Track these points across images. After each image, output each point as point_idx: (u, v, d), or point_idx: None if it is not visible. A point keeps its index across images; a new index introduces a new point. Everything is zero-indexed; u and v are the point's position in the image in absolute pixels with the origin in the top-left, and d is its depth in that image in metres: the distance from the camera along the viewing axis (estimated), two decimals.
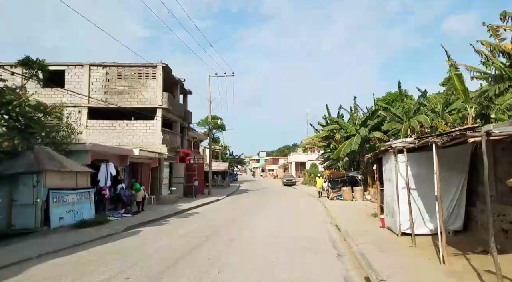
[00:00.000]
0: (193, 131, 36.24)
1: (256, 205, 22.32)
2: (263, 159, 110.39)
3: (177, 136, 27.27)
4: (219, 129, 61.81)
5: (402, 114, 24.30)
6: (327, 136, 28.51)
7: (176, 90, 28.00)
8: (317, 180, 27.26)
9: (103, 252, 8.96)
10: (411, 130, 24.44)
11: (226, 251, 8.84)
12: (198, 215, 16.94)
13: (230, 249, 9.07)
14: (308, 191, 36.40)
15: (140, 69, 24.08)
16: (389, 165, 10.84)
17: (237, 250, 9.04)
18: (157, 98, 23.67)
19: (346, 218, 14.63)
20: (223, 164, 48.69)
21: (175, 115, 26.62)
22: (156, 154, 21.50)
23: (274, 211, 18.67)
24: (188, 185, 28.50)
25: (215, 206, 21.86)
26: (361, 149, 25.48)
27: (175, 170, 26.83)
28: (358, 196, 23.21)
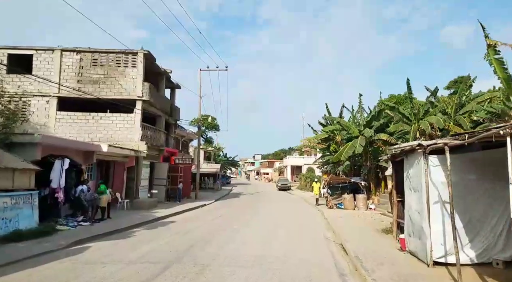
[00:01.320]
0: (182, 130, 33.51)
1: (246, 213, 19.60)
2: (258, 161, 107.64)
3: (161, 133, 24.53)
4: (213, 129, 59.05)
5: (410, 115, 21.76)
6: (326, 138, 25.87)
7: (161, 82, 25.30)
8: (314, 186, 24.59)
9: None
10: (420, 133, 21.90)
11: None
12: (173, 225, 14.20)
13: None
14: (304, 196, 33.73)
15: (119, 56, 21.36)
16: (415, 169, 8.19)
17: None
18: (137, 89, 20.95)
19: (352, 233, 11.95)
20: (214, 165, 45.96)
21: (158, 110, 23.89)
22: (132, 151, 18.75)
23: (265, 221, 15.97)
24: (172, 187, 25.77)
25: (198, 213, 19.11)
26: (364, 152, 22.88)
27: (157, 171, 24.06)
28: (361, 205, 20.56)
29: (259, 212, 20.06)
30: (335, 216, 17.37)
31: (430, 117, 20.14)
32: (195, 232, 12.30)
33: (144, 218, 15.35)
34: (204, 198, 29.02)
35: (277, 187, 48.02)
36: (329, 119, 25.32)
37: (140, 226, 13.91)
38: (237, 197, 33.98)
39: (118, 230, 12.44)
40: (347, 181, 21.69)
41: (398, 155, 9.71)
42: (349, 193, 22.24)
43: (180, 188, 25.20)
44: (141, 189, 21.79)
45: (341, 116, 25.55)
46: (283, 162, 70.13)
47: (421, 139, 21.67)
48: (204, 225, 14.30)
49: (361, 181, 21.49)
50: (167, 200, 24.68)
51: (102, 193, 14.53)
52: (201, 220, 15.74)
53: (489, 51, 9.59)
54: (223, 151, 69.18)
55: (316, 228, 13.96)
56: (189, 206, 21.74)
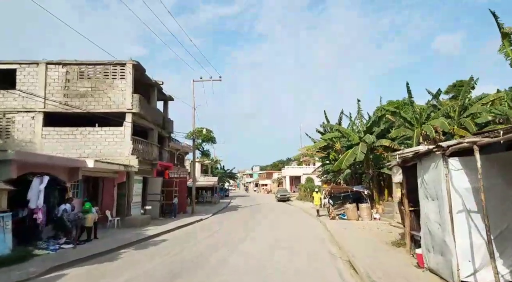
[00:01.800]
0: (176, 143, 32.51)
1: (243, 227, 18.50)
2: (257, 173, 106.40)
3: (153, 146, 23.53)
4: (209, 142, 58.16)
5: (412, 119, 20.92)
6: (326, 146, 24.94)
7: (153, 94, 24.42)
8: (315, 196, 23.54)
9: None
10: (424, 137, 21.03)
11: None
12: (164, 245, 13.10)
13: None
14: (304, 207, 32.61)
15: (107, 68, 20.50)
16: (432, 175, 7.23)
17: None
18: (126, 101, 20.03)
19: (359, 247, 10.91)
20: (212, 178, 44.82)
21: (150, 123, 22.95)
22: (121, 166, 17.71)
23: (264, 236, 14.88)
24: (167, 202, 24.66)
25: (193, 229, 17.97)
26: (366, 160, 21.93)
27: (151, 186, 22.97)
28: (364, 215, 19.51)
29: (257, 225, 18.96)
30: (339, 227, 16.31)
31: (434, 121, 19.29)
32: (186, 253, 11.19)
33: (134, 237, 14.25)
34: (201, 212, 27.87)
35: (276, 198, 46.86)
36: (327, 127, 24.44)
37: (129, 246, 12.82)
38: (236, 210, 32.81)
39: (103, 252, 11.34)
40: (349, 190, 20.67)
41: (410, 159, 8.74)
42: (351, 203, 21.23)
43: (175, 203, 24.09)
44: (134, 205, 20.69)
45: (340, 123, 24.70)
46: (282, 173, 69.05)
47: (424, 143, 20.79)
48: (197, 244, 13.18)
49: (364, 190, 20.47)
50: (162, 216, 23.55)
51: (87, 212, 13.45)
52: (194, 238, 14.62)
53: (504, 43, 8.73)
54: (220, 164, 68.12)
55: (319, 243, 12.88)
56: (184, 222, 20.63)
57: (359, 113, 22.56)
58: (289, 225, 18.99)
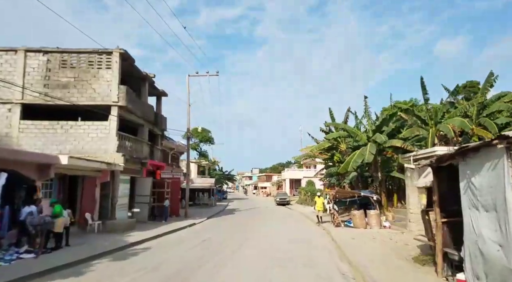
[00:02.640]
0: (170, 141, 30.69)
1: (238, 234, 16.67)
2: (256, 175, 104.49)
3: (143, 144, 21.72)
4: (207, 142, 56.35)
5: (427, 118, 19.13)
6: (330, 147, 23.08)
7: (144, 88, 22.64)
8: (317, 200, 21.52)
9: None
10: (439, 138, 19.24)
11: None
12: (144, 255, 11.26)
13: None
14: (305, 212, 30.75)
15: (91, 57, 18.72)
16: (488, 177, 5.39)
17: None
18: (112, 94, 18.24)
19: (375, 265, 9.08)
20: (208, 180, 42.96)
21: (140, 118, 21.15)
22: (103, 164, 15.88)
23: (261, 247, 13.04)
24: (159, 205, 22.83)
25: (182, 235, 16.12)
26: (374, 162, 20.11)
27: (140, 187, 21.14)
28: (373, 223, 17.66)
29: (253, 233, 17.12)
30: (346, 237, 14.46)
31: (452, 120, 17.51)
32: (164, 268, 9.31)
33: (113, 245, 12.42)
34: (195, 215, 26.04)
35: (276, 202, 45.02)
36: (332, 126, 22.57)
37: (104, 256, 10.99)
38: (232, 213, 30.96)
39: (71, 264, 9.53)
40: (356, 194, 18.82)
41: (448, 157, 6.87)
42: (358, 209, 19.41)
43: (166, 205, 22.24)
44: (120, 207, 18.86)
45: (346, 122, 22.87)
46: (281, 176, 67.20)
47: (438, 145, 19.00)
48: (183, 254, 11.33)
49: (373, 195, 18.63)
50: (152, 219, 21.72)
51: (57, 216, 11.60)
52: (181, 247, 12.77)
53: None
54: (218, 165, 66.29)
55: (326, 257, 11.04)
56: (175, 226, 18.79)
57: (366, 111, 20.72)
58: (289, 233, 17.13)
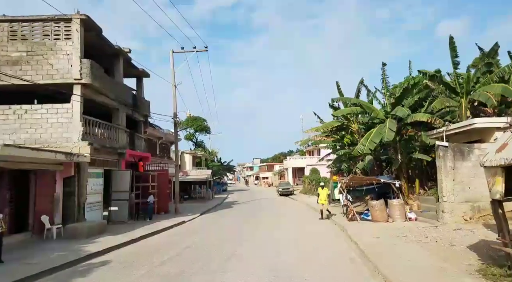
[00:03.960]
0: (157, 129, 27.42)
1: (232, 235, 13.56)
2: (257, 166, 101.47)
3: (120, 131, 18.51)
4: (203, 131, 53.10)
5: (456, 86, 15.84)
6: (339, 127, 19.73)
7: (118, 65, 19.30)
8: (320, 192, 16.98)
9: None
10: (472, 108, 15.98)
11: None
12: (97, 275, 8.13)
13: None
14: (310, 202, 27.61)
15: (47, 26, 15.44)
16: None
17: None
18: (73, 69, 14.98)
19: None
20: (205, 171, 39.80)
21: (114, 101, 17.89)
22: (59, 154, 12.68)
23: (259, 255, 9.90)
24: (143, 201, 19.72)
25: (162, 240, 12.96)
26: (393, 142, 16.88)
27: (117, 181, 17.97)
28: (396, 215, 14.48)
29: (251, 233, 13.99)
30: (368, 236, 11.31)
31: (490, 87, 14.20)
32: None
33: (62, 258, 9.31)
34: (187, 211, 22.95)
35: (278, 192, 41.97)
36: (343, 101, 19.14)
37: (42, 276, 7.91)
38: (230, 207, 27.88)
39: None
40: (375, 181, 15.60)
41: None
42: (375, 198, 16.27)
43: (150, 201, 19.11)
44: (91, 206, 15.79)
45: (357, 97, 19.49)
46: (283, 164, 64.09)
47: (471, 117, 15.75)
48: (147, 274, 8.15)
49: (395, 181, 15.43)
50: (135, 218, 18.66)
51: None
52: (153, 259, 9.59)
53: None
54: (217, 156, 63.17)
55: (349, 269, 7.88)
56: (156, 227, 15.71)
57: (384, 81, 17.27)
58: (295, 232, 13.99)
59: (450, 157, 13.29)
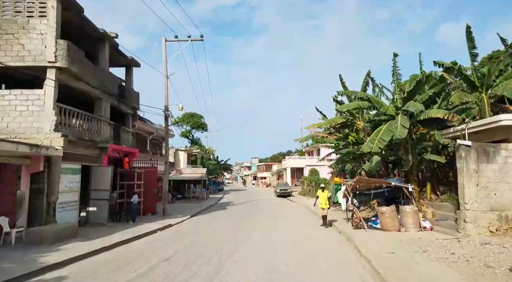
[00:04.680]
0: (148, 124, 25.65)
1: (221, 244, 11.82)
2: (255, 165, 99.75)
3: (102, 123, 16.76)
4: (200, 129, 51.34)
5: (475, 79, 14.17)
6: (342, 124, 17.97)
7: (103, 51, 17.55)
8: (320, 195, 15.29)
9: None
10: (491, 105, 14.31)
11: None
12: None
13: None
14: (309, 205, 25.86)
15: (18, 1, 13.69)
16: None
17: None
18: (47, 51, 13.25)
19: None
20: (200, 170, 38.08)
21: (96, 89, 16.14)
22: (24, 146, 10.94)
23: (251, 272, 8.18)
24: (127, 201, 17.95)
25: (138, 249, 11.21)
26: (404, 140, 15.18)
27: (96, 178, 16.20)
28: (409, 223, 12.78)
29: (243, 241, 12.27)
30: (379, 247, 9.63)
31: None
32: None
33: (7, 273, 7.54)
34: (177, 212, 21.24)
35: (276, 193, 40.26)
36: (348, 94, 17.36)
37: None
38: (224, 208, 26.15)
39: None
40: (384, 184, 13.87)
41: None
42: (385, 203, 14.60)
43: (134, 201, 17.35)
44: (65, 207, 14.08)
45: (364, 91, 17.74)
46: (282, 164, 62.40)
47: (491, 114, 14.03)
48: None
49: (408, 185, 13.71)
50: (116, 220, 16.94)
51: None
52: (118, 274, 7.87)
53: None
54: (213, 154, 61.40)
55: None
56: (140, 230, 14.02)
57: (395, 73, 15.49)
58: (294, 241, 12.27)
59: (473, 158, 11.60)
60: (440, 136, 15.17)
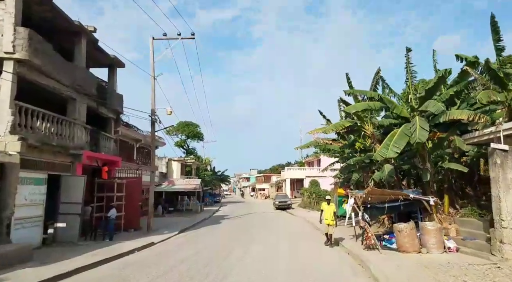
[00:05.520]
0: (134, 130, 23.62)
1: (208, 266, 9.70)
2: (254, 176, 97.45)
3: (76, 127, 14.75)
4: (196, 138, 49.32)
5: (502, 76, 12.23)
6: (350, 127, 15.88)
7: (78, 46, 15.62)
8: (325, 209, 13.14)
9: None
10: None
11: None
12: None
13: None
14: (310, 218, 23.82)
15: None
16: None
17: None
18: (4, 39, 11.33)
19: None
20: (193, 181, 35.89)
21: (69, 88, 14.19)
22: None
23: None
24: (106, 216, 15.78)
25: (107, 276, 9.07)
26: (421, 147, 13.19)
27: (68, 190, 14.08)
28: (430, 243, 10.68)
29: (234, 270, 10.13)
30: (404, 279, 7.52)
31: None
32: None
33: None
34: (164, 228, 19.11)
35: (275, 206, 38.04)
36: (357, 94, 15.23)
37: None
38: (218, 222, 23.96)
39: None
40: (402, 196, 11.77)
41: None
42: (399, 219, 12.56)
43: (111, 216, 15.20)
44: (22, 223, 11.96)
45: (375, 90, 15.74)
46: (281, 176, 60.24)
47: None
48: None
49: (430, 198, 11.62)
50: (92, 238, 14.81)
51: None
52: None
53: None
54: (210, 165, 59.27)
55: None
56: (113, 251, 11.87)
57: (408, 70, 13.51)
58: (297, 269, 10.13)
59: (511, 166, 9.60)
60: (461, 142, 13.21)
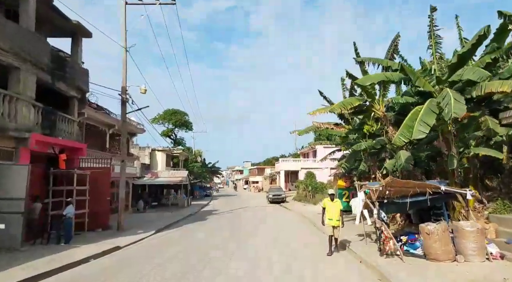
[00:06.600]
0: (105, 114, 20.68)
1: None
2: (247, 169, 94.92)
3: (21, 103, 11.90)
4: (183, 127, 46.43)
5: None
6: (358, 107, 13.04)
7: (24, 3, 12.65)
8: (328, 206, 10.32)
9: None
10: None
11: None
12: None
13: None
14: (307, 213, 21.37)
15: None
16: None
17: None
18: None
19: None
20: (179, 173, 33.14)
21: (10, 54, 11.30)
22: None
23: None
24: (59, 214, 12.99)
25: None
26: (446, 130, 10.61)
27: (7, 183, 11.25)
28: (469, 249, 8.15)
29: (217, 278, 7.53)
30: None
31: None
32: None
33: None
34: (139, 226, 16.51)
35: (268, 199, 35.53)
36: (372, 62, 12.13)
37: None
38: (204, 219, 21.32)
39: None
40: (429, 188, 9.14)
41: None
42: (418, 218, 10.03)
43: (68, 215, 12.43)
44: None
45: (393, 59, 12.92)
46: (275, 168, 57.74)
47: None
48: None
49: (467, 190, 9.04)
50: (45, 240, 12.11)
51: None
52: None
53: None
54: (201, 156, 56.51)
55: None
56: (62, 260, 9.24)
57: (432, 35, 10.77)
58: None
59: None
60: (495, 122, 10.72)
